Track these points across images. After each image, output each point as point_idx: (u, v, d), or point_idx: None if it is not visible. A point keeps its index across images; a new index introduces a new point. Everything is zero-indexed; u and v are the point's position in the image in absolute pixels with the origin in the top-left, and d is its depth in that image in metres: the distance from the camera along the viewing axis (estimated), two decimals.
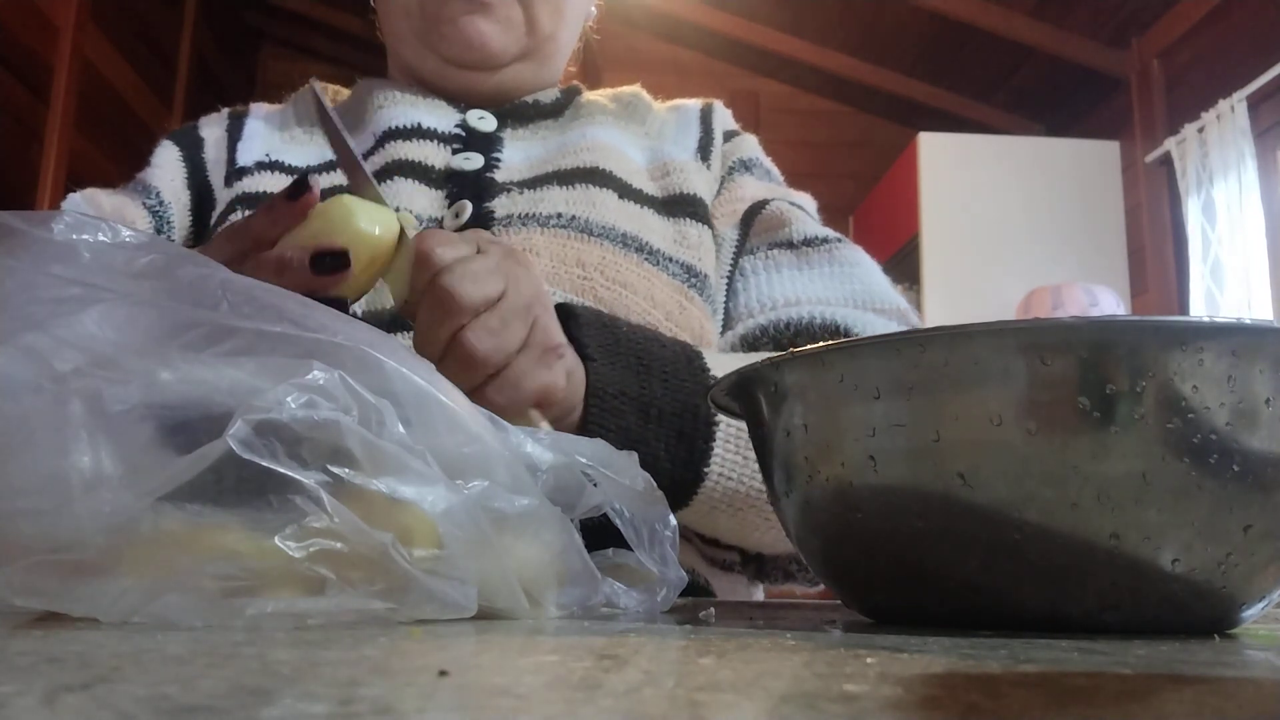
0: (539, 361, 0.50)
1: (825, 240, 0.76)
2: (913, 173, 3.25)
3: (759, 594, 0.78)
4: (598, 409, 0.55)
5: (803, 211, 0.79)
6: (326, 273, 0.47)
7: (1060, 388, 0.30)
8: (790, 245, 0.76)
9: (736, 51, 3.86)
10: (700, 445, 0.58)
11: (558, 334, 0.52)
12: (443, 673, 0.18)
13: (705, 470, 0.58)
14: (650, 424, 0.56)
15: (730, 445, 0.59)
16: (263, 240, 0.49)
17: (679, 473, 0.58)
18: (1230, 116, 2.64)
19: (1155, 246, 3.05)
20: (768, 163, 0.85)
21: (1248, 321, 0.30)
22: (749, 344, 0.70)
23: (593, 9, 0.88)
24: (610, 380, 0.55)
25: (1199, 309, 2.70)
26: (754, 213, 0.78)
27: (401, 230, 0.50)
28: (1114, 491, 0.30)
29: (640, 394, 0.56)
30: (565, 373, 0.52)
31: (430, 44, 0.77)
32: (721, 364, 0.61)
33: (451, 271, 0.48)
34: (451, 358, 0.48)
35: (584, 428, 0.55)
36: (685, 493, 0.59)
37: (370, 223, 0.49)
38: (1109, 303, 2.88)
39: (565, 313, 0.57)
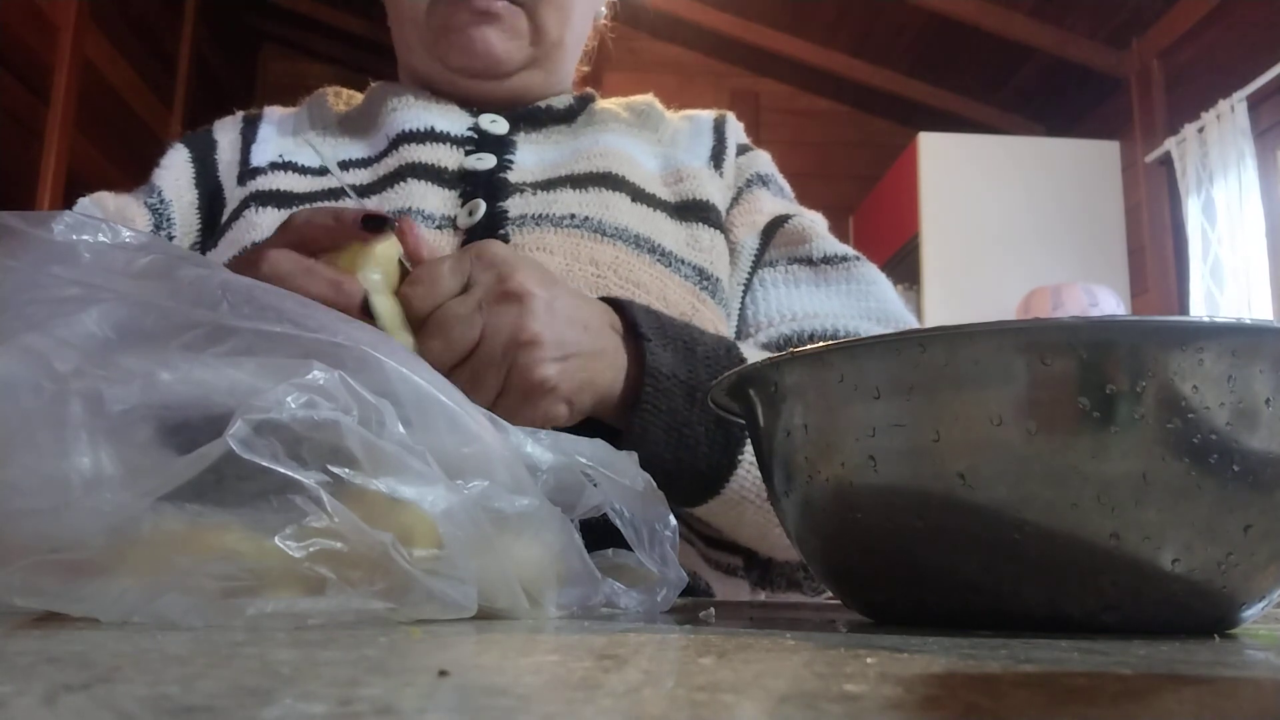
0: (523, 403, 0.50)
1: (844, 258, 0.77)
2: (913, 173, 3.25)
3: (762, 597, 0.78)
4: (652, 389, 0.55)
5: (820, 229, 0.80)
6: (374, 230, 0.49)
7: (1060, 388, 0.30)
8: (810, 262, 0.76)
9: (736, 51, 3.86)
10: (736, 433, 0.58)
11: (543, 369, 0.50)
12: (443, 673, 0.18)
13: (740, 457, 0.59)
14: (695, 407, 0.57)
15: None
16: (313, 248, 0.50)
17: (716, 457, 0.58)
18: (1230, 116, 2.64)
19: (1155, 246, 3.05)
20: (781, 180, 0.86)
21: (1248, 321, 0.30)
22: (771, 352, 0.71)
23: (602, 8, 0.88)
24: (664, 361, 0.56)
25: (1199, 309, 2.70)
26: (776, 226, 0.79)
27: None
28: (1114, 491, 0.30)
29: (689, 377, 0.57)
30: (563, 401, 0.52)
31: (438, 54, 0.78)
32: (755, 357, 0.61)
33: (425, 329, 0.49)
34: None
35: (637, 406, 0.55)
36: (720, 479, 0.59)
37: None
38: (1109, 303, 2.88)
39: (610, 300, 0.58)
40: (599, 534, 0.41)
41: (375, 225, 0.49)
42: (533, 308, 0.51)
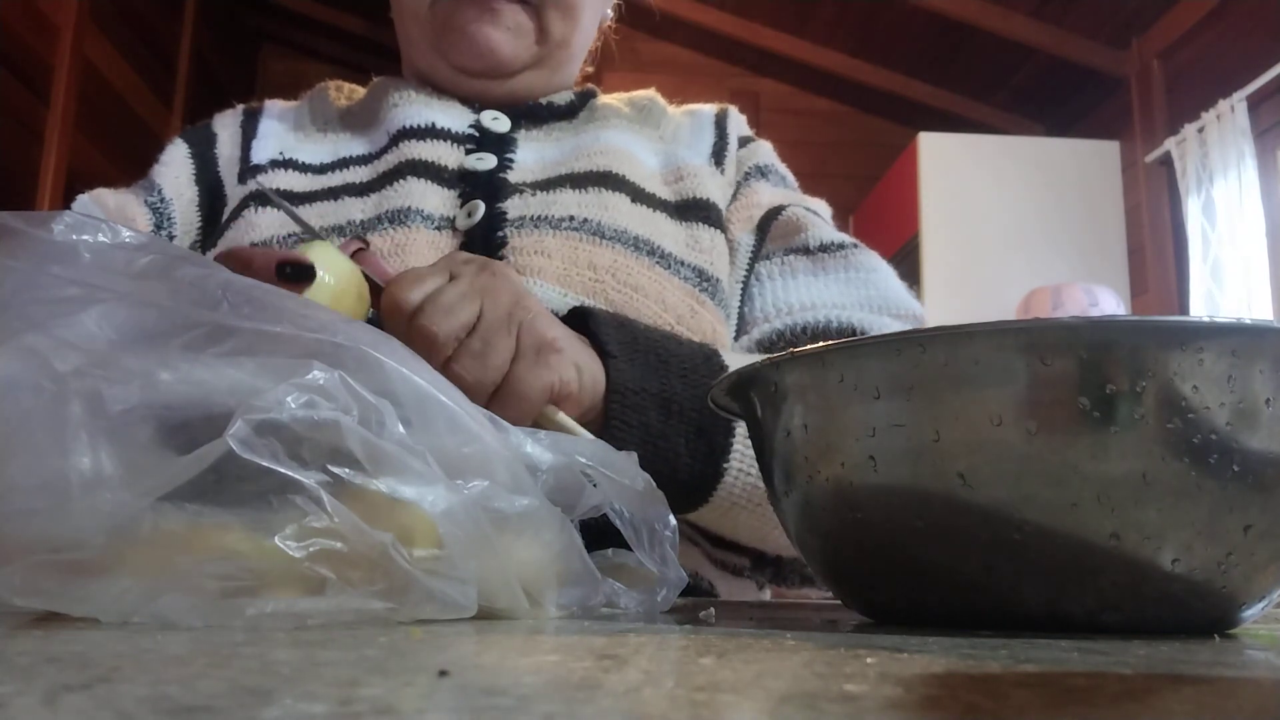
0: (536, 362, 0.50)
1: (841, 246, 0.76)
2: (913, 173, 3.25)
3: (765, 597, 0.77)
4: (619, 405, 0.54)
5: (818, 217, 0.79)
6: (290, 281, 0.48)
7: (1060, 388, 0.30)
8: (806, 251, 0.76)
9: (736, 51, 3.86)
10: (720, 441, 0.58)
11: (549, 328, 0.51)
12: (443, 673, 0.18)
13: (725, 465, 0.58)
14: (671, 420, 0.56)
15: (750, 441, 0.59)
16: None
17: (700, 468, 0.58)
18: (1230, 116, 2.64)
19: (1155, 246, 3.05)
20: (783, 169, 0.85)
21: (1248, 321, 0.30)
22: (765, 348, 0.70)
23: (609, 11, 0.88)
24: (631, 377, 0.55)
25: (1199, 309, 2.70)
26: (770, 218, 0.78)
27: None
28: (1114, 491, 0.30)
29: (660, 390, 0.56)
30: (572, 364, 0.51)
31: (441, 51, 0.77)
32: (738, 363, 0.61)
33: (423, 311, 0.49)
34: None
35: (606, 424, 0.54)
36: (706, 489, 0.59)
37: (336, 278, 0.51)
38: (1109, 303, 2.88)
39: (581, 313, 0.58)
40: (599, 534, 0.41)
41: (295, 275, 0.48)
42: (519, 285, 0.52)
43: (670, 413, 0.56)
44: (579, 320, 0.58)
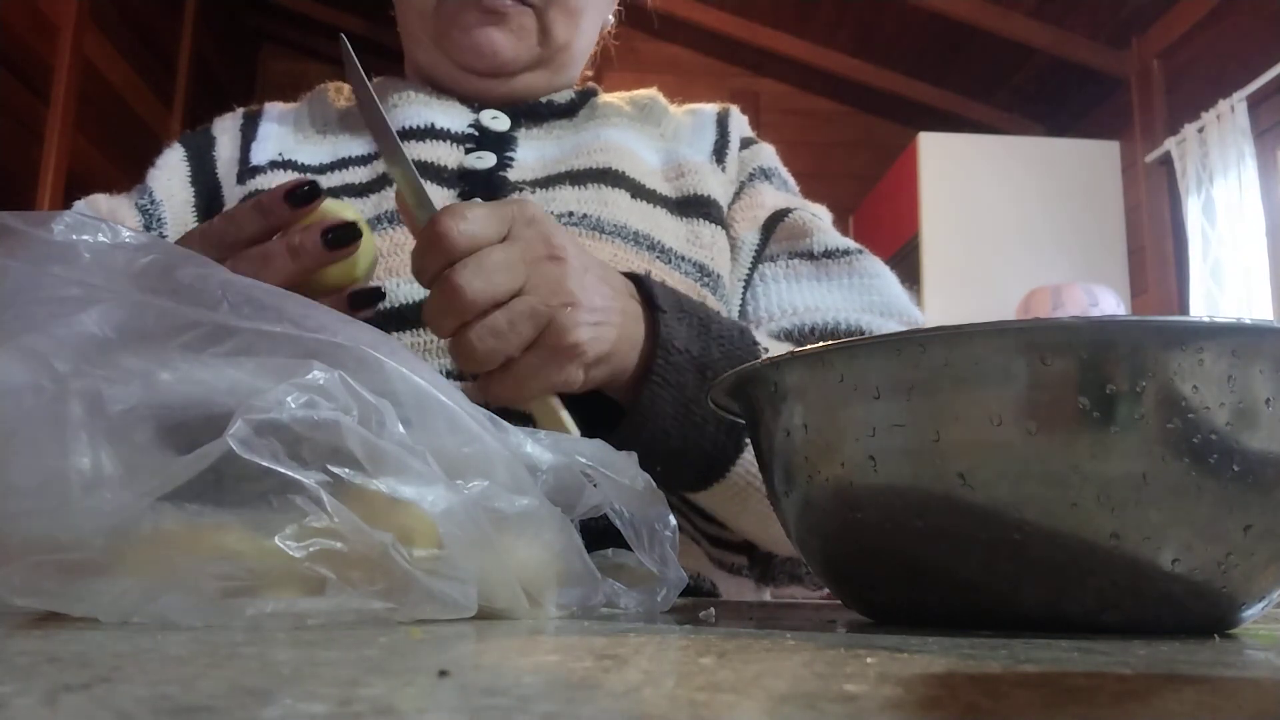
0: (549, 361, 0.49)
1: (846, 252, 0.76)
2: (913, 173, 3.25)
3: (765, 597, 0.78)
4: (663, 361, 0.54)
5: (823, 223, 0.79)
6: (340, 246, 0.48)
7: (1060, 388, 0.30)
8: (811, 256, 0.76)
9: (736, 51, 3.86)
10: None
11: (579, 332, 0.50)
12: (443, 673, 0.18)
13: (746, 441, 0.58)
14: (705, 386, 0.56)
15: None
16: (255, 240, 0.49)
17: (722, 439, 0.58)
18: (1230, 116, 2.64)
19: (1155, 246, 3.05)
20: (785, 173, 0.86)
21: (1248, 321, 0.30)
22: None
23: (610, 17, 0.88)
24: (677, 334, 0.55)
25: (1199, 309, 2.70)
26: (776, 220, 0.78)
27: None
28: (1114, 491, 0.30)
29: (701, 354, 0.56)
30: (582, 368, 0.51)
31: (443, 49, 0.78)
32: (765, 342, 0.61)
33: (465, 265, 0.47)
34: (455, 348, 0.48)
35: (646, 379, 0.54)
36: (726, 461, 0.59)
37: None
38: (1109, 303, 2.88)
39: (628, 275, 0.57)
40: (599, 534, 0.41)
41: (302, 198, 0.48)
42: (573, 271, 0.50)
43: (705, 379, 0.56)
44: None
